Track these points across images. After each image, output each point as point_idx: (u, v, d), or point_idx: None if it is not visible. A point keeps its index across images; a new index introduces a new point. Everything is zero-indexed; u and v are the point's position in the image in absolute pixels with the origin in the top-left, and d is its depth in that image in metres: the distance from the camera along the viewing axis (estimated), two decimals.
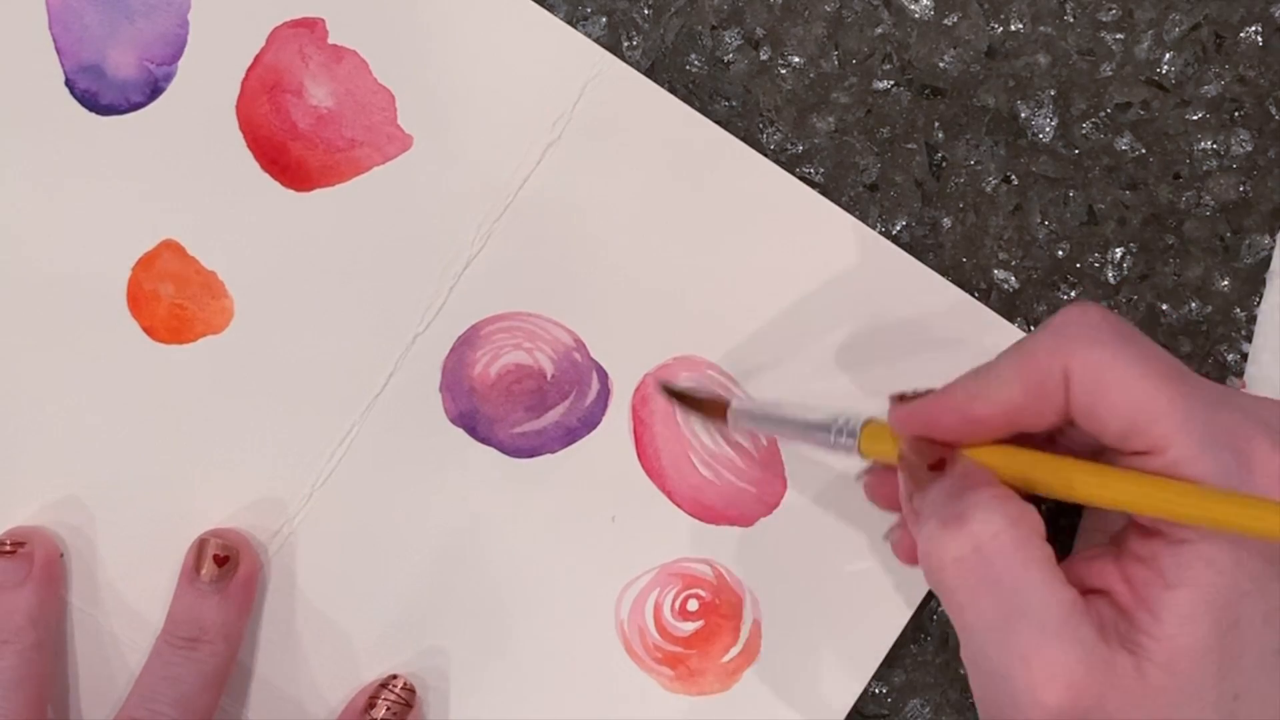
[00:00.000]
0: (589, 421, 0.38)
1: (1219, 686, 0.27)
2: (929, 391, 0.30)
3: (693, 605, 0.38)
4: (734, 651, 0.38)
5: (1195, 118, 0.38)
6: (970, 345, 0.37)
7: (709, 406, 0.36)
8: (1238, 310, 0.38)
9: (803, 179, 0.38)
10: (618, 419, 0.38)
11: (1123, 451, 0.28)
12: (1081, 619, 0.27)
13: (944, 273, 0.38)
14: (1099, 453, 0.29)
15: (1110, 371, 0.27)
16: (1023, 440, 0.30)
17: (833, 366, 0.38)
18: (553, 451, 0.38)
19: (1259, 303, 0.38)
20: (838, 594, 0.37)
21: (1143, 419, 0.27)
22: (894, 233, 0.38)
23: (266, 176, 0.38)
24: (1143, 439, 0.27)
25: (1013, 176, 0.38)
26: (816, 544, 0.38)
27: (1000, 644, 0.27)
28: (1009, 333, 0.38)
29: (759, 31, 0.39)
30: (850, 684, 0.37)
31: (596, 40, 0.38)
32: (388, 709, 0.36)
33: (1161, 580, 0.27)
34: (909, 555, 0.34)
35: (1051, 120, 0.38)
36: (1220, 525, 0.26)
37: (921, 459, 0.30)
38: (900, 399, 0.31)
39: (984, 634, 0.28)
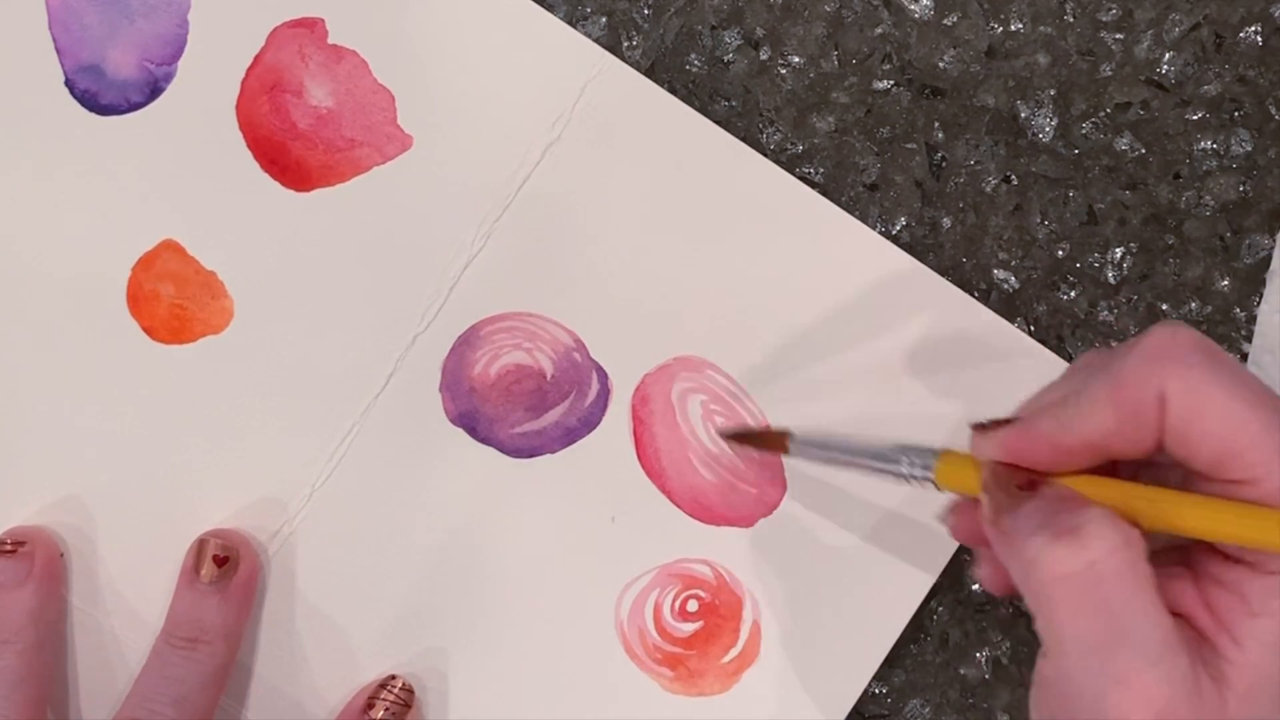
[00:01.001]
0: (589, 421, 0.38)
1: None
2: (1010, 421, 0.29)
3: (692, 606, 0.38)
4: (734, 652, 0.38)
5: (1195, 118, 0.38)
6: (970, 345, 0.37)
7: (769, 440, 0.36)
8: (1238, 310, 0.38)
9: (803, 179, 0.38)
10: (617, 419, 0.38)
11: (1215, 479, 0.27)
12: (1180, 648, 0.26)
13: (944, 273, 0.38)
14: (1184, 484, 0.29)
15: (1206, 395, 0.27)
16: (1106, 471, 0.29)
17: (832, 367, 0.38)
18: (552, 451, 0.38)
19: (1259, 303, 0.38)
20: (838, 594, 0.37)
21: (1239, 445, 0.26)
22: (894, 233, 0.38)
23: (266, 176, 0.38)
24: (1237, 466, 0.27)
25: (1013, 176, 0.38)
26: (816, 544, 0.38)
27: (1099, 665, 0.27)
28: (1009, 333, 0.38)
29: (759, 31, 0.39)
30: (850, 684, 0.37)
31: (596, 40, 0.38)
32: (386, 709, 0.36)
33: (1246, 607, 0.27)
34: (999, 585, 0.32)
35: (1051, 120, 0.38)
36: None
37: (1008, 483, 0.29)
38: (981, 428, 0.30)
39: (1083, 653, 0.27)
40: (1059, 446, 0.28)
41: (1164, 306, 0.38)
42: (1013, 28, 0.38)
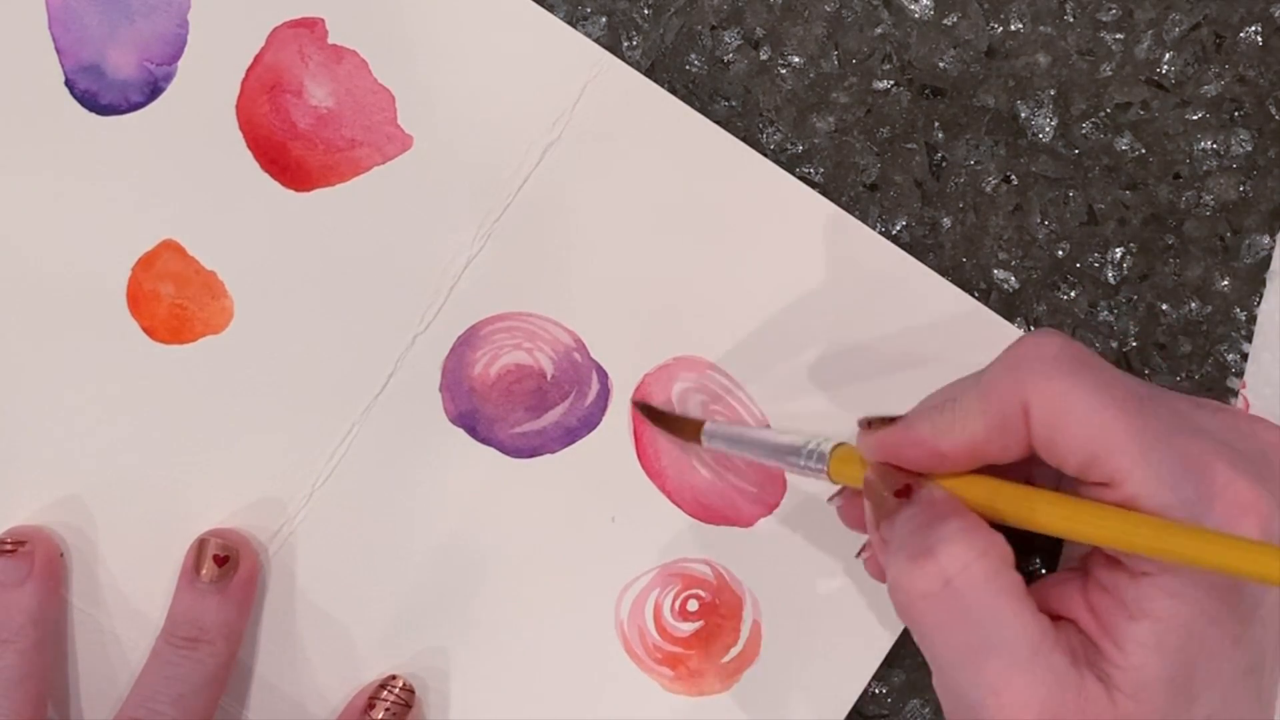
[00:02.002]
0: (589, 421, 0.38)
1: (1190, 711, 0.27)
2: (897, 418, 0.30)
3: (693, 606, 0.38)
4: (734, 652, 0.38)
5: (1195, 118, 0.38)
6: (970, 345, 0.37)
7: (683, 426, 0.36)
8: (1238, 310, 0.38)
9: (803, 179, 0.38)
10: (617, 419, 0.38)
11: (1085, 483, 0.28)
12: (1053, 647, 0.27)
13: (944, 273, 0.38)
14: (1066, 483, 0.29)
15: (1067, 404, 0.27)
16: (993, 470, 0.29)
17: (832, 366, 0.38)
18: (553, 451, 0.38)
19: (1259, 303, 0.38)
20: (838, 594, 0.37)
21: (1101, 451, 0.27)
22: (894, 233, 0.38)
23: (266, 176, 0.38)
24: (1102, 471, 0.27)
25: (1013, 176, 0.38)
26: (816, 544, 0.38)
27: (971, 676, 0.27)
28: (1009, 333, 0.38)
29: (759, 31, 0.39)
30: (850, 684, 0.37)
31: (596, 40, 0.38)
32: (387, 709, 0.36)
33: (1125, 611, 0.27)
34: (880, 574, 0.33)
35: (1051, 120, 0.38)
36: (1178, 559, 0.25)
37: (888, 486, 0.29)
38: (868, 425, 0.30)
39: (955, 666, 0.28)
40: (934, 452, 0.29)
41: (1164, 306, 0.38)
42: (1013, 28, 0.38)
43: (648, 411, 0.37)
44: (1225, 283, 0.38)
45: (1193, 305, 0.38)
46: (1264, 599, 0.28)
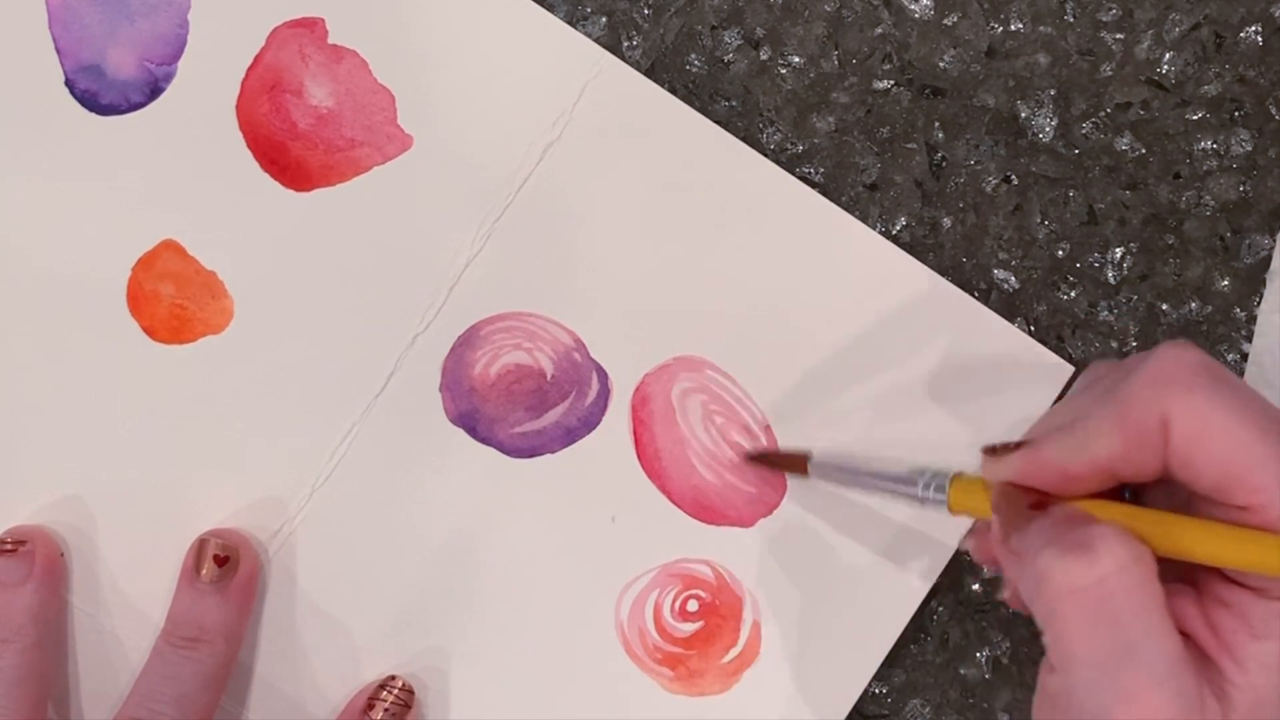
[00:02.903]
0: (589, 422, 0.38)
1: None
2: (1020, 444, 0.29)
3: (693, 606, 0.38)
4: (734, 652, 0.38)
5: (1195, 118, 0.38)
6: (970, 345, 0.37)
7: (789, 461, 0.36)
8: (1238, 310, 0.38)
9: (803, 179, 0.38)
10: (617, 419, 0.38)
11: (1218, 503, 0.27)
12: (1186, 668, 0.26)
13: (944, 273, 0.38)
14: (1188, 507, 0.29)
15: (1210, 420, 0.26)
16: (1114, 495, 0.29)
17: (832, 366, 0.38)
18: (553, 451, 0.38)
19: (1259, 303, 0.38)
20: (838, 594, 0.37)
21: (1241, 471, 0.26)
22: (894, 233, 0.38)
23: (266, 176, 0.38)
24: (1240, 492, 0.26)
25: (1013, 176, 0.38)
26: (816, 544, 0.38)
27: (1106, 682, 0.26)
28: (1009, 333, 0.38)
29: (759, 31, 0.39)
30: (850, 684, 0.37)
31: (596, 40, 0.38)
32: (386, 710, 0.36)
33: (1249, 629, 0.27)
34: (1018, 603, 0.32)
35: (1051, 120, 0.38)
36: None
37: (1018, 503, 0.29)
38: (992, 452, 0.30)
39: (1091, 668, 0.27)
40: (1067, 473, 0.28)
41: (1164, 306, 0.38)
42: (1013, 28, 0.38)
43: (757, 457, 0.37)
44: (1225, 283, 0.38)
45: (1193, 305, 0.38)
46: None
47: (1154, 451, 0.27)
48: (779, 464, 0.37)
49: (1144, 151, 0.38)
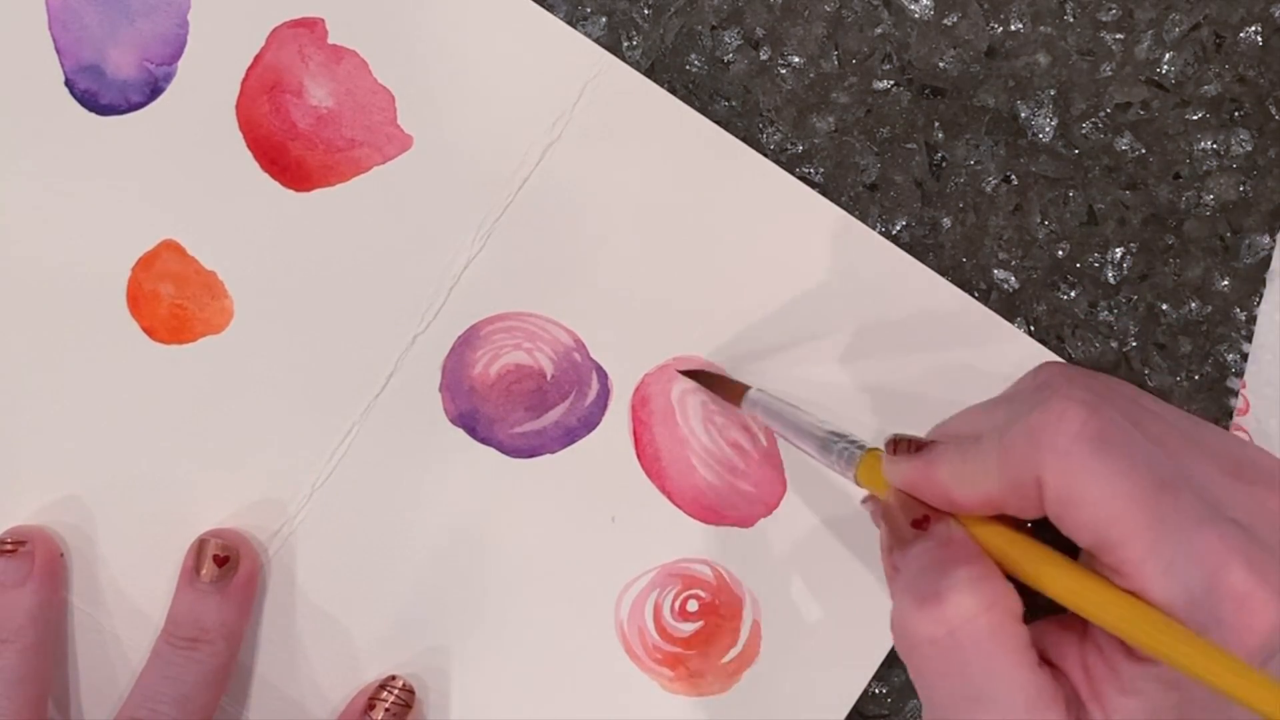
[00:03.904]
0: (589, 421, 0.38)
1: None
2: (922, 445, 0.30)
3: (692, 606, 0.38)
4: (734, 652, 0.38)
5: (1195, 118, 0.38)
6: (970, 345, 0.38)
7: (727, 387, 0.36)
8: (1238, 310, 0.38)
9: (803, 179, 0.38)
10: (617, 419, 0.38)
11: (1098, 561, 0.27)
12: (1050, 704, 0.27)
13: (944, 273, 0.38)
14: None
15: (1080, 486, 0.26)
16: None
17: (832, 367, 0.38)
18: (553, 451, 0.38)
19: (1259, 303, 0.38)
20: (838, 594, 0.37)
21: (1111, 538, 0.26)
22: (894, 233, 0.38)
23: (266, 176, 0.38)
24: (1111, 558, 0.26)
25: (1013, 176, 0.38)
26: (816, 544, 0.38)
27: None
28: (1009, 333, 0.38)
29: (759, 31, 0.39)
30: (850, 684, 0.37)
31: (596, 40, 0.38)
32: (386, 710, 0.36)
33: (1118, 683, 0.27)
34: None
35: (1051, 120, 0.38)
36: (1171, 663, 0.25)
37: (906, 515, 0.29)
38: (893, 448, 0.30)
39: (947, 711, 0.27)
40: (951, 498, 0.28)
41: (1164, 306, 0.38)
42: (1013, 28, 0.38)
43: (693, 375, 0.37)
44: (1225, 283, 0.38)
45: (1193, 305, 0.38)
46: None
47: (1030, 502, 0.27)
48: (715, 387, 0.37)
49: (1144, 151, 0.38)
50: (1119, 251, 0.38)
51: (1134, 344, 0.38)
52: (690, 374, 0.37)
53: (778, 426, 0.35)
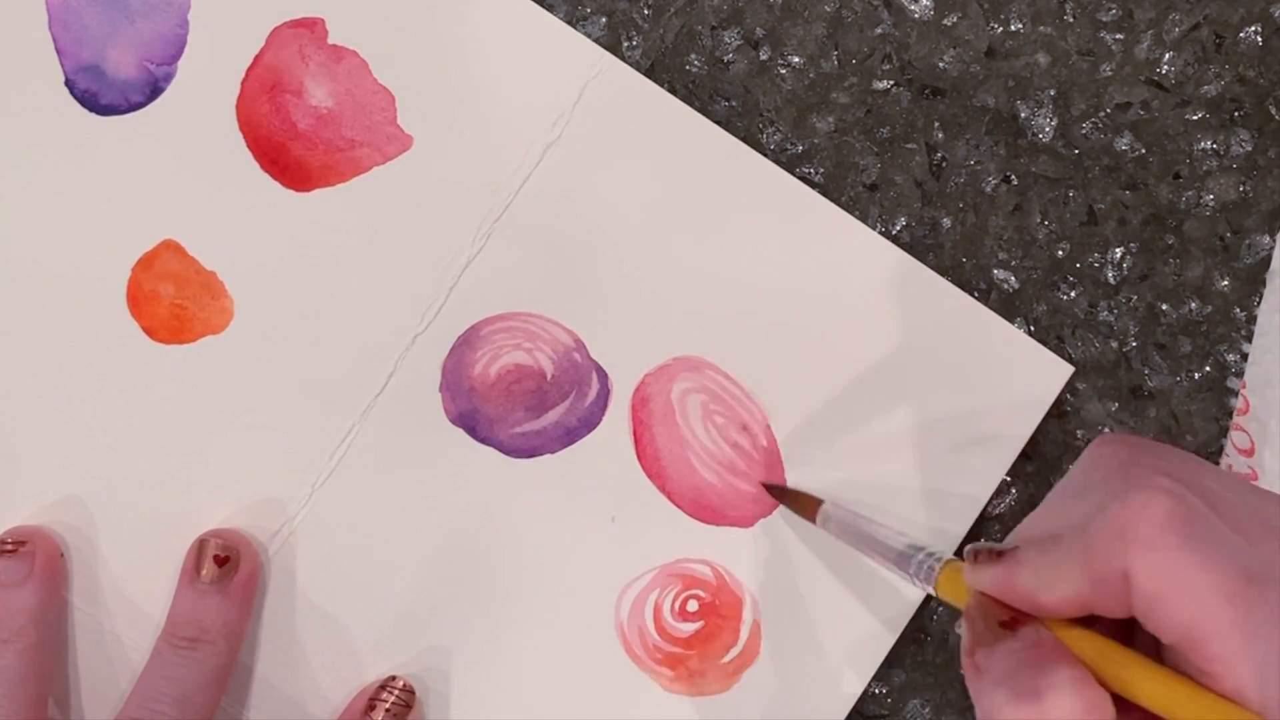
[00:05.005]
0: (589, 422, 0.38)
1: None
2: (1001, 554, 0.29)
3: (692, 606, 0.38)
4: (734, 652, 0.38)
5: (1195, 118, 0.38)
6: (970, 345, 0.38)
7: (802, 502, 0.37)
8: (1238, 310, 0.38)
9: (803, 179, 0.38)
10: (617, 419, 0.38)
11: (1185, 659, 0.26)
12: None
13: (944, 273, 0.38)
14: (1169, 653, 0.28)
15: (1170, 581, 0.25)
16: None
17: (832, 366, 0.38)
18: (552, 452, 0.38)
19: (1259, 303, 0.38)
20: (838, 594, 0.37)
21: (1202, 635, 0.25)
22: (894, 233, 0.38)
23: (266, 176, 0.38)
24: (1200, 656, 0.26)
25: (1013, 176, 0.38)
26: (816, 544, 0.38)
27: None
28: (1009, 333, 0.38)
29: (759, 31, 0.39)
30: (850, 684, 0.37)
31: (596, 40, 0.38)
32: (387, 710, 0.36)
33: None
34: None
35: (1051, 120, 0.38)
36: None
37: (990, 618, 0.28)
38: (975, 558, 0.29)
39: None
40: (1036, 602, 0.28)
41: (1164, 306, 0.38)
42: (1013, 28, 0.38)
43: (772, 490, 0.37)
44: (1225, 283, 0.38)
45: (1193, 305, 0.38)
46: None
47: (1120, 601, 0.27)
48: (792, 504, 0.37)
49: (1144, 151, 0.38)
50: (1119, 251, 0.38)
51: (1134, 344, 0.38)
52: (769, 488, 0.37)
53: (852, 541, 0.35)
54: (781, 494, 0.37)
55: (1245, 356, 0.38)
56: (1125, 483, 0.27)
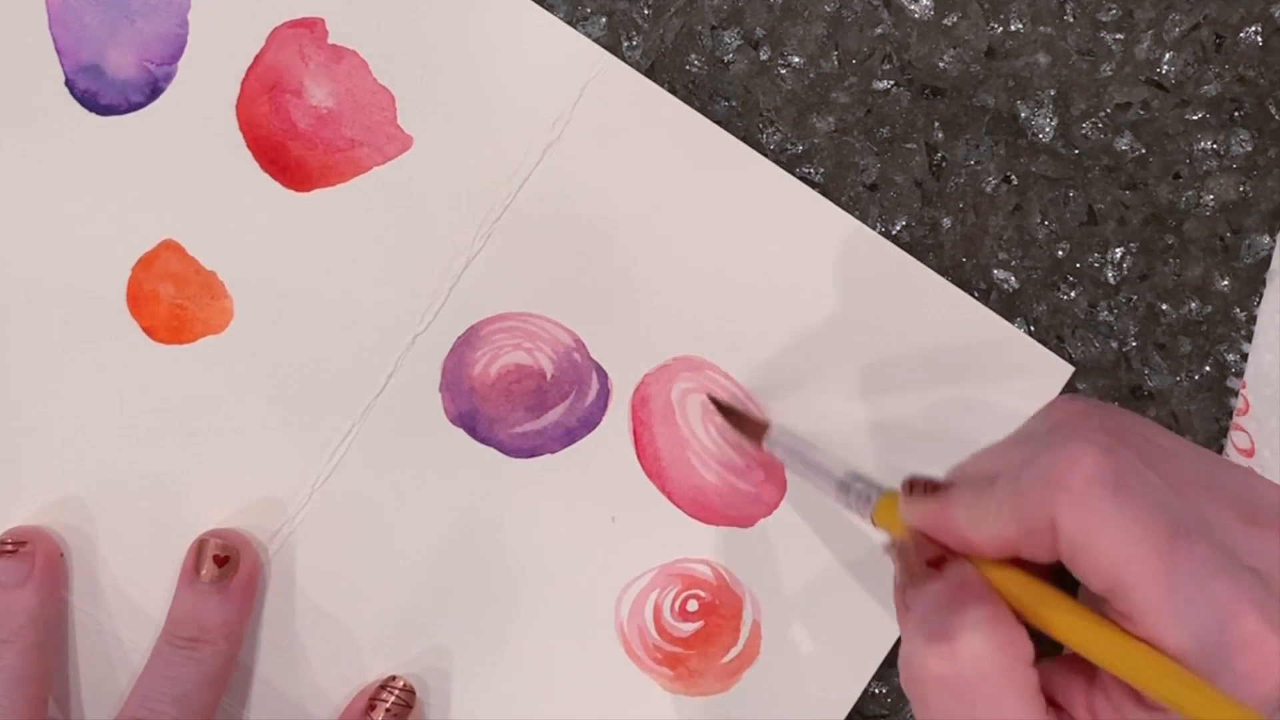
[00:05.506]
0: (589, 421, 0.38)
1: None
2: (942, 487, 0.29)
3: (692, 606, 0.38)
4: (734, 652, 0.38)
5: (1195, 118, 0.38)
6: (970, 345, 0.38)
7: (749, 425, 0.37)
8: (1238, 310, 0.38)
9: (803, 179, 0.38)
10: (617, 419, 0.38)
11: (1110, 607, 0.27)
12: None
13: (944, 273, 0.38)
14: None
15: (1094, 531, 0.26)
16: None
17: (832, 366, 0.38)
18: (553, 451, 0.38)
19: (1259, 303, 0.38)
20: (838, 594, 0.37)
21: (1124, 584, 0.26)
22: (894, 233, 0.38)
23: (266, 176, 0.38)
24: (1122, 604, 0.26)
25: (1013, 176, 0.38)
26: (816, 544, 0.38)
27: None
28: (1009, 333, 0.38)
29: (759, 31, 0.39)
30: (850, 684, 0.37)
31: (596, 40, 0.38)
32: (387, 710, 0.36)
33: None
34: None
35: (1051, 120, 0.38)
36: (1180, 709, 0.25)
37: (920, 554, 0.29)
38: (909, 489, 0.30)
39: None
40: (967, 540, 0.28)
41: (1164, 306, 0.38)
42: (1013, 28, 0.38)
43: (723, 408, 0.37)
44: (1225, 283, 0.38)
45: (1193, 305, 0.38)
46: None
47: (1046, 547, 0.27)
48: (739, 424, 0.37)
49: (1144, 151, 0.38)
50: (1119, 251, 0.38)
51: (1134, 344, 0.38)
52: (716, 404, 0.37)
53: (796, 465, 0.35)
54: (729, 413, 0.37)
55: (1245, 356, 0.38)
56: (1064, 434, 0.28)
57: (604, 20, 0.39)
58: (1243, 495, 0.28)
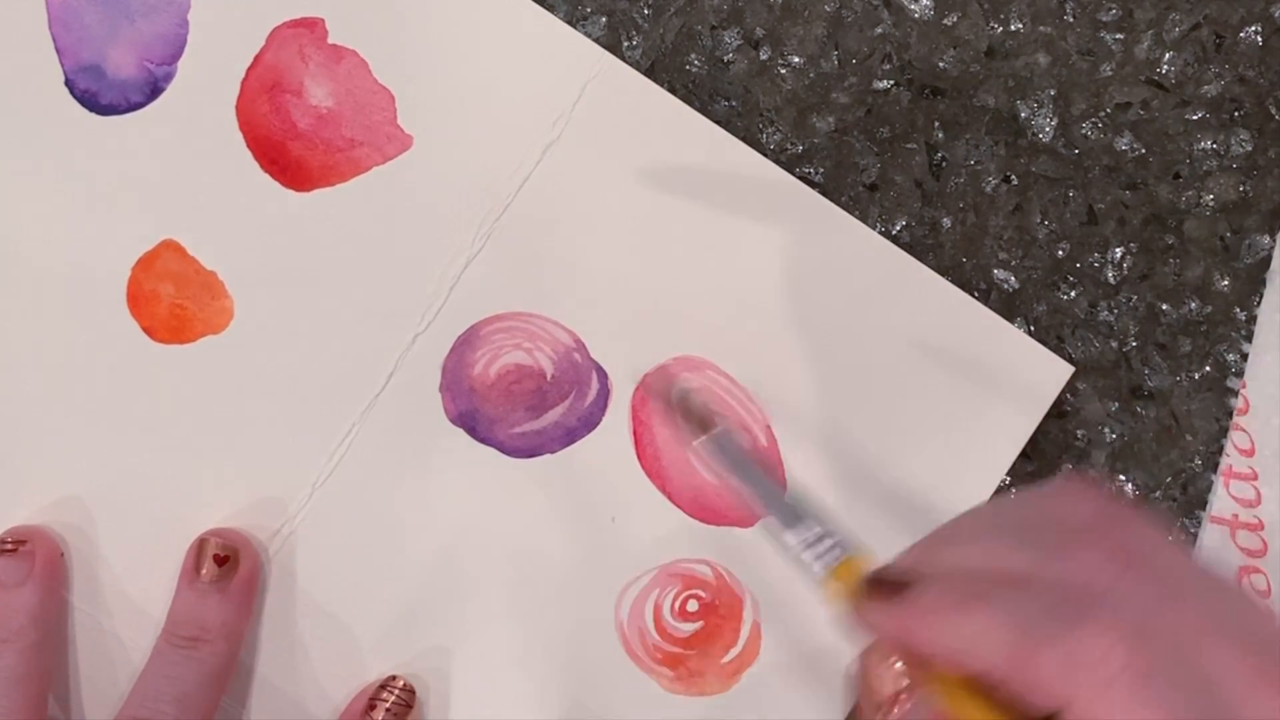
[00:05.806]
0: (589, 421, 0.38)
1: None
2: (912, 589, 0.26)
3: (692, 606, 0.38)
4: (734, 652, 0.38)
5: (1195, 118, 0.38)
6: (970, 345, 0.38)
7: (695, 419, 0.33)
8: (1238, 310, 0.38)
9: (803, 179, 0.38)
10: (617, 419, 0.38)
11: None
12: None
13: (944, 273, 0.38)
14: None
15: None
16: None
17: (832, 366, 0.38)
18: (553, 451, 0.38)
19: (1259, 303, 0.38)
20: None
21: None
22: (894, 233, 0.38)
23: (266, 176, 0.38)
24: None
25: (1013, 176, 0.38)
26: None
27: None
28: (1009, 333, 0.38)
29: (759, 31, 0.39)
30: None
31: (596, 40, 0.38)
32: (387, 710, 0.36)
33: None
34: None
35: (1051, 120, 0.38)
36: None
37: (882, 684, 0.26)
38: (872, 589, 0.26)
39: None
40: (942, 657, 0.25)
41: (1164, 306, 0.38)
42: (1013, 28, 0.38)
43: (663, 395, 0.36)
44: (1225, 283, 0.38)
45: (1193, 305, 0.38)
46: None
47: (1039, 707, 0.25)
48: (687, 414, 0.33)
49: (1144, 151, 0.38)
50: (1119, 251, 0.38)
51: (1134, 344, 0.38)
52: (681, 395, 0.36)
53: (727, 477, 0.31)
54: (684, 400, 0.34)
55: (1245, 356, 0.38)
56: (1090, 601, 0.25)
57: (604, 20, 0.39)
58: (1258, 650, 0.26)
